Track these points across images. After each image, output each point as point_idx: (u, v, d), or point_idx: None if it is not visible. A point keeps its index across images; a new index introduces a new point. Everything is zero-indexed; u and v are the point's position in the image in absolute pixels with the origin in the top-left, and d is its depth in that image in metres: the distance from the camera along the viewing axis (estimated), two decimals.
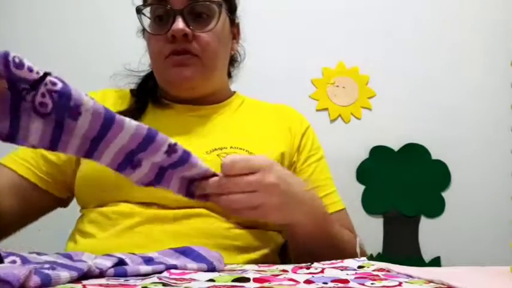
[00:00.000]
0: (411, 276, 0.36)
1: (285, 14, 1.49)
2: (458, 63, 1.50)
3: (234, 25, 0.83)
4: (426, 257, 1.40)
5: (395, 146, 1.46)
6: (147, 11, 0.75)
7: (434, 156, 1.46)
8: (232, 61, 0.87)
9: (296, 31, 1.49)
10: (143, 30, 0.80)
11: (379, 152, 1.45)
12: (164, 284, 0.33)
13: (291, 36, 1.48)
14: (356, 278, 0.36)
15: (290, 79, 1.43)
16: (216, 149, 0.69)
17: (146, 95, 0.80)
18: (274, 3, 1.48)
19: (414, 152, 1.45)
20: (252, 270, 0.42)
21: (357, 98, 1.48)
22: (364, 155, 1.44)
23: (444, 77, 1.50)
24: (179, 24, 0.69)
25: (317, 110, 1.46)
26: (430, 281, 0.34)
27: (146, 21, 0.75)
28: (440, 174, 1.45)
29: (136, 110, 0.75)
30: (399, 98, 1.48)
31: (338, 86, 1.48)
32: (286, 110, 0.85)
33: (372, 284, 0.34)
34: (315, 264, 0.45)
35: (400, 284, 0.34)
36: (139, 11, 0.75)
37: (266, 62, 1.40)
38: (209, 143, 0.70)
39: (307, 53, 1.48)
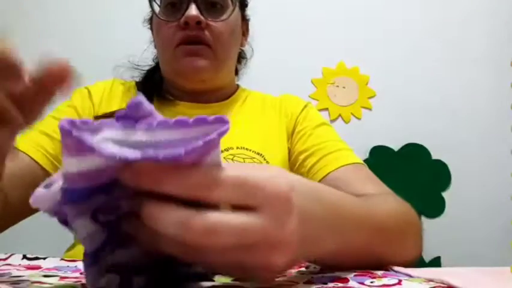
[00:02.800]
0: (410, 275, 0.36)
1: (285, 14, 1.49)
2: (458, 63, 1.50)
3: (244, 21, 0.81)
4: (426, 257, 1.40)
5: (395, 146, 1.46)
6: None
7: (434, 156, 1.45)
8: (240, 58, 0.85)
9: (296, 31, 1.49)
10: (151, 18, 0.77)
11: (379, 152, 1.45)
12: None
13: (291, 36, 1.48)
14: (355, 276, 0.36)
15: (290, 79, 1.43)
16: (222, 151, 0.66)
17: (152, 89, 0.77)
18: (274, 3, 1.48)
19: (414, 152, 1.45)
20: None
21: (357, 98, 1.48)
22: (364, 155, 1.43)
23: (444, 77, 1.50)
24: (193, 10, 0.67)
25: (317, 110, 1.46)
26: (430, 280, 0.34)
27: (156, 9, 0.74)
28: (440, 174, 1.45)
29: None
30: (399, 98, 1.48)
31: (338, 86, 1.48)
32: (286, 99, 0.82)
33: (371, 282, 0.34)
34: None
35: (400, 282, 0.34)
36: None
37: (266, 62, 1.40)
38: None
39: (307, 53, 1.48)
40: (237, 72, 0.87)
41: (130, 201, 0.27)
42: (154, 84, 0.78)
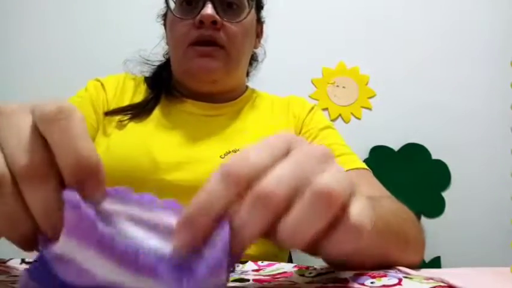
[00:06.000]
0: (409, 274, 0.36)
1: (285, 14, 1.49)
2: (458, 63, 1.51)
3: (258, 23, 0.80)
4: (426, 257, 1.40)
5: (395, 146, 1.46)
6: None
7: (434, 156, 1.45)
8: (252, 60, 0.84)
9: (296, 31, 1.49)
10: (165, 14, 0.76)
11: (379, 152, 1.45)
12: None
13: (291, 36, 1.48)
14: (355, 276, 0.36)
15: (290, 79, 1.43)
16: (230, 152, 0.66)
17: (161, 86, 0.76)
18: (274, 3, 1.48)
19: (414, 152, 1.45)
20: (251, 271, 0.42)
21: (357, 98, 1.48)
22: (364, 155, 1.43)
23: (444, 77, 1.50)
24: (209, 9, 0.66)
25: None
26: (430, 278, 0.34)
27: (172, 6, 0.72)
28: (440, 174, 1.45)
29: (151, 101, 0.73)
30: (399, 98, 1.48)
31: (338, 86, 1.48)
32: (293, 100, 0.82)
33: (372, 283, 0.34)
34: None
35: (400, 282, 0.34)
36: None
37: (266, 62, 1.40)
38: (223, 145, 0.67)
39: (307, 53, 1.48)
40: (247, 74, 0.86)
41: None
42: (162, 81, 0.78)
